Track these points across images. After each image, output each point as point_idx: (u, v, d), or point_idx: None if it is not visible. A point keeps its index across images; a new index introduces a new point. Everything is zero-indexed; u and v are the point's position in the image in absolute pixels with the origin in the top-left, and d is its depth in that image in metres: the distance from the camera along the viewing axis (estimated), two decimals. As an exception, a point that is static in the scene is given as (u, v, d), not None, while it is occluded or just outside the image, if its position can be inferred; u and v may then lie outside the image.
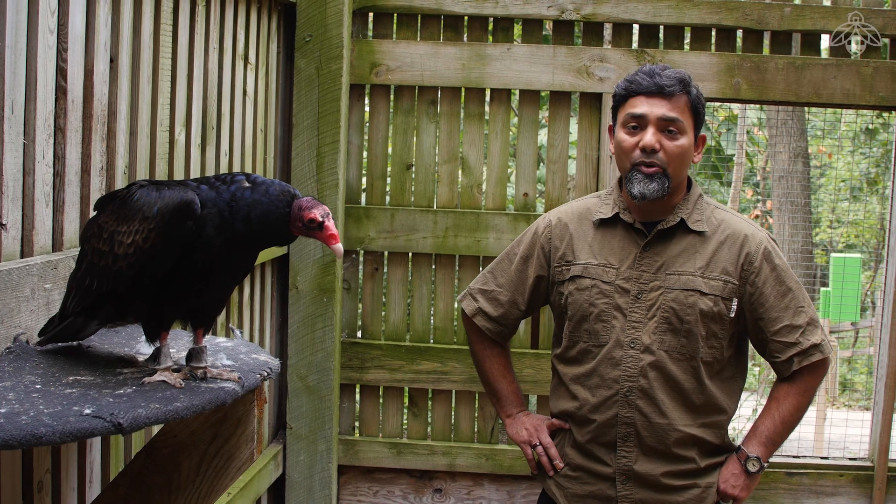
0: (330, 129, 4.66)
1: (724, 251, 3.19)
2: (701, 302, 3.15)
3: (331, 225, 2.24)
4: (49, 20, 2.63)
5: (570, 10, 4.78)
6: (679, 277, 3.16)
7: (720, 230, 3.22)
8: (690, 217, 3.21)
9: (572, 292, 3.26)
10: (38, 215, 2.61)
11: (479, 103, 4.94)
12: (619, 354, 3.18)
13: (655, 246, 3.20)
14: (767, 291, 3.18)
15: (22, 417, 1.90)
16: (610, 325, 3.20)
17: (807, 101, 4.79)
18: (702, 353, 3.17)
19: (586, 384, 3.26)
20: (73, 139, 2.78)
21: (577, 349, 3.28)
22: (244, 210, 2.22)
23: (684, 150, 3.13)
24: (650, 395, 3.17)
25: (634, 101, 3.17)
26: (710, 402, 3.22)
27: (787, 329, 3.19)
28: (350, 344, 4.91)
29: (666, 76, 3.15)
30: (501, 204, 4.91)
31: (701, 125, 3.23)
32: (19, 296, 2.43)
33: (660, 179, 3.10)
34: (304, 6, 4.63)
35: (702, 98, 3.22)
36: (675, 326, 3.15)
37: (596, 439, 3.26)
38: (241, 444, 2.57)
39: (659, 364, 3.16)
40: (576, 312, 3.26)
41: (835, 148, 16.43)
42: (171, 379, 2.23)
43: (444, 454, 4.94)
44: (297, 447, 4.81)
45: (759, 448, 3.25)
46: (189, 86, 3.57)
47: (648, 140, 3.10)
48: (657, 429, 3.18)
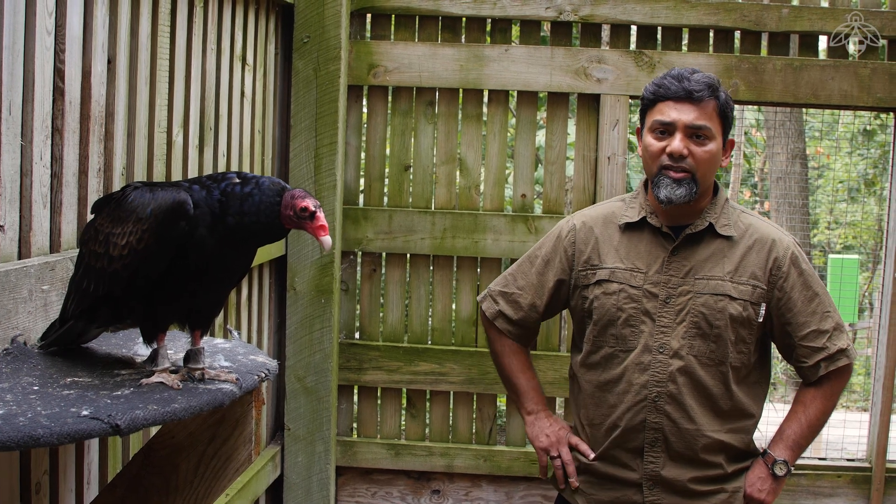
0: (328, 130, 4.66)
1: (753, 256, 3.18)
2: (730, 307, 3.13)
3: (321, 216, 2.24)
4: (46, 21, 2.63)
5: (568, 11, 4.78)
6: (708, 282, 3.15)
7: (747, 234, 3.21)
8: (718, 221, 3.19)
9: (598, 296, 3.23)
10: (35, 216, 2.61)
11: (477, 104, 4.94)
12: (648, 359, 3.15)
13: (683, 250, 3.18)
14: (795, 296, 3.17)
15: (19, 419, 1.90)
16: (638, 329, 3.17)
17: (804, 103, 4.80)
18: (730, 358, 3.15)
19: (612, 390, 3.22)
20: (70, 140, 2.78)
21: (602, 354, 3.24)
22: (235, 204, 2.22)
23: (712, 155, 3.11)
24: (679, 400, 3.15)
25: (662, 107, 3.14)
26: (738, 408, 3.20)
27: (814, 334, 3.19)
28: (348, 345, 4.91)
29: (695, 81, 3.11)
30: (499, 205, 4.91)
31: (729, 129, 3.20)
32: (17, 297, 2.43)
33: (688, 184, 3.09)
34: (301, 7, 4.63)
35: (730, 102, 3.19)
36: (705, 331, 3.14)
37: (622, 445, 3.22)
38: (238, 446, 2.56)
39: (688, 369, 3.14)
40: (602, 316, 3.22)
41: (833, 149, 16.42)
42: (168, 380, 2.23)
43: (442, 455, 4.94)
44: (295, 448, 4.81)
45: (785, 452, 3.25)
46: (187, 87, 3.57)
47: (676, 146, 3.08)
48: (685, 434, 3.16)
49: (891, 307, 4.87)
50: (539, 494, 4.96)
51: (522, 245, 4.77)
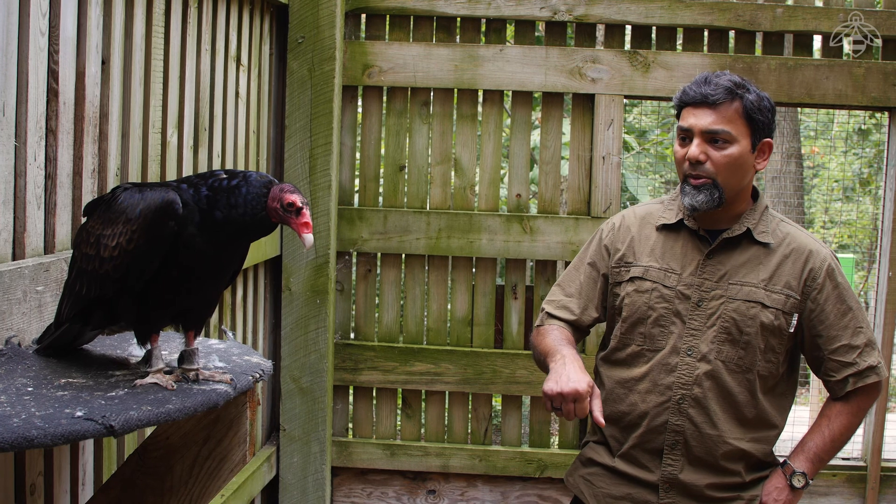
0: (323, 130, 4.66)
1: (788, 265, 3.15)
2: (762, 315, 3.10)
3: (307, 213, 2.23)
4: (40, 22, 2.62)
5: (563, 11, 4.78)
6: (741, 288, 3.12)
7: (785, 243, 3.18)
8: (756, 228, 3.17)
9: (630, 293, 3.22)
10: (29, 217, 2.61)
11: (471, 104, 4.94)
12: (675, 361, 3.13)
13: (719, 255, 3.16)
14: (828, 309, 3.14)
15: (14, 420, 1.90)
16: (668, 330, 3.16)
17: (799, 102, 4.80)
18: (758, 366, 3.12)
19: (636, 388, 3.20)
20: (64, 141, 2.78)
21: (629, 352, 3.23)
22: (223, 198, 2.21)
23: (733, 158, 3.05)
24: (703, 404, 3.12)
25: (684, 113, 3.13)
26: (762, 417, 3.17)
27: (844, 349, 3.15)
28: (343, 345, 4.91)
29: (713, 84, 3.08)
30: (494, 205, 4.91)
31: (762, 131, 3.12)
32: (11, 298, 2.43)
33: (708, 190, 3.06)
34: (296, 8, 4.63)
35: (763, 103, 3.11)
36: (735, 337, 3.11)
37: (641, 445, 3.20)
38: (233, 446, 2.56)
39: (715, 374, 3.11)
40: (632, 314, 3.21)
41: (828, 148, 16.43)
42: (162, 381, 2.23)
43: (437, 455, 4.94)
44: (290, 449, 4.81)
45: (805, 464, 3.22)
46: (181, 88, 3.57)
47: (692, 152, 3.06)
48: (707, 439, 3.13)
49: (885, 306, 4.89)
50: (535, 494, 4.96)
51: (518, 245, 4.78)
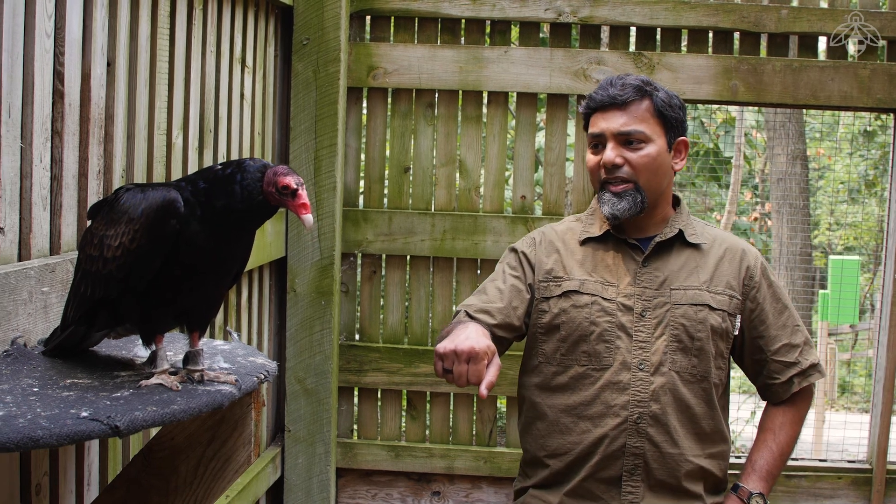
0: (327, 132, 4.66)
1: (726, 265, 3.04)
2: (711, 317, 2.97)
3: (304, 194, 2.22)
4: (46, 24, 2.63)
5: (567, 12, 4.78)
6: (685, 292, 2.98)
7: (716, 244, 3.08)
8: (686, 230, 3.05)
9: (567, 310, 3.00)
10: (35, 219, 2.62)
11: (476, 106, 4.94)
12: (627, 378, 2.93)
13: (654, 261, 3.02)
14: (767, 308, 3.05)
15: (19, 420, 1.91)
16: (614, 345, 2.95)
17: (804, 104, 4.80)
18: (712, 374, 2.98)
19: (585, 414, 2.97)
20: (70, 143, 2.79)
21: (571, 374, 3.00)
22: (220, 187, 2.21)
23: (651, 158, 2.95)
24: (662, 421, 2.93)
25: (594, 119, 3.02)
26: (718, 430, 3.02)
27: (786, 348, 3.05)
28: (348, 347, 4.92)
29: (620, 85, 2.99)
30: (499, 207, 4.91)
31: (676, 129, 3.03)
32: (17, 299, 2.43)
33: (630, 196, 2.94)
34: (301, 9, 4.64)
35: (673, 100, 3.04)
36: (686, 345, 2.95)
37: (596, 475, 2.97)
38: (238, 447, 2.57)
39: (671, 386, 2.93)
40: (572, 332, 2.99)
41: (833, 150, 16.44)
42: (167, 382, 2.23)
43: (442, 457, 4.94)
44: (295, 450, 4.81)
45: (760, 483, 3.07)
46: (186, 89, 3.58)
47: (607, 157, 2.95)
48: (668, 459, 2.94)
49: (891, 308, 4.88)
50: (539, 496, 4.96)
51: (522, 246, 4.78)
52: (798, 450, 7.05)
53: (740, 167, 12.83)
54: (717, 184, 14.82)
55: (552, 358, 3.04)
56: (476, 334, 2.62)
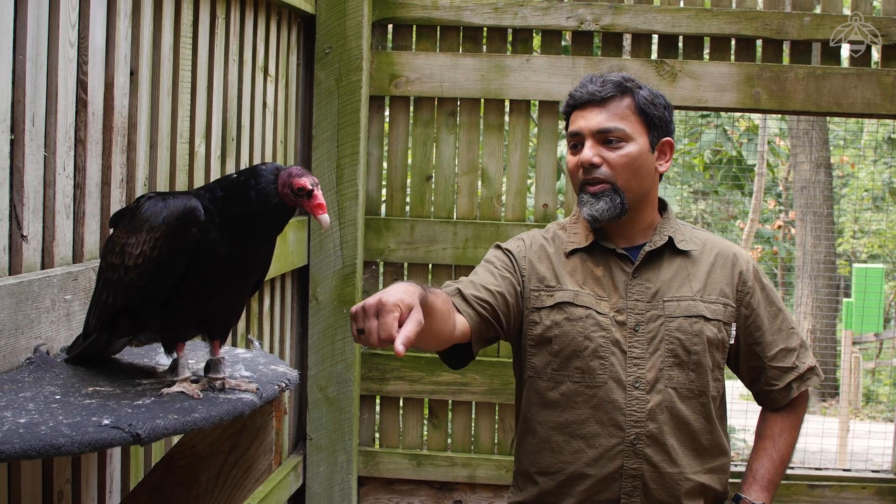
0: (349, 140, 4.67)
1: (718, 272, 2.89)
2: (706, 329, 2.81)
3: (319, 194, 2.21)
4: (69, 33, 2.65)
5: (589, 20, 4.78)
6: (679, 303, 2.82)
7: (707, 250, 2.92)
8: (676, 236, 2.89)
9: (560, 322, 2.82)
10: (58, 227, 2.63)
11: (498, 114, 4.94)
12: (622, 396, 2.77)
13: (645, 272, 2.85)
14: (762, 313, 2.91)
15: (41, 428, 1.91)
16: (608, 361, 2.79)
17: (827, 111, 4.77)
18: (710, 387, 2.83)
19: (579, 433, 2.81)
20: (93, 151, 2.80)
21: (563, 390, 2.83)
22: (236, 193, 2.22)
23: (632, 158, 2.78)
24: (660, 440, 2.77)
25: (573, 118, 2.86)
26: (717, 444, 2.88)
27: (783, 353, 2.93)
28: (370, 355, 4.92)
29: (600, 81, 2.83)
30: (521, 215, 4.91)
31: (660, 129, 2.86)
32: (40, 307, 2.45)
33: (608, 196, 2.77)
34: (323, 18, 4.65)
35: (657, 99, 2.86)
36: (682, 359, 2.80)
37: (592, 498, 2.81)
38: (259, 455, 2.57)
39: (668, 404, 2.78)
40: (565, 346, 2.82)
41: (857, 158, 16.37)
42: (189, 390, 2.24)
43: (464, 466, 4.93)
44: (317, 458, 4.81)
45: (761, 494, 2.93)
46: (209, 98, 3.59)
47: (584, 156, 2.78)
48: (667, 479, 2.79)
49: (915, 316, 4.85)
50: (561, 504, 4.95)
51: (544, 255, 4.78)
52: (822, 459, 7.03)
53: (763, 175, 12.79)
54: (740, 192, 14.78)
55: (542, 372, 2.87)
56: (394, 288, 2.31)
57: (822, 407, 13.50)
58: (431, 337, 2.55)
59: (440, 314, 2.52)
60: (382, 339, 2.18)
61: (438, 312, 2.50)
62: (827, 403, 13.71)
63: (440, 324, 2.54)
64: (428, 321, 2.38)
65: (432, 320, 2.46)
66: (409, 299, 2.24)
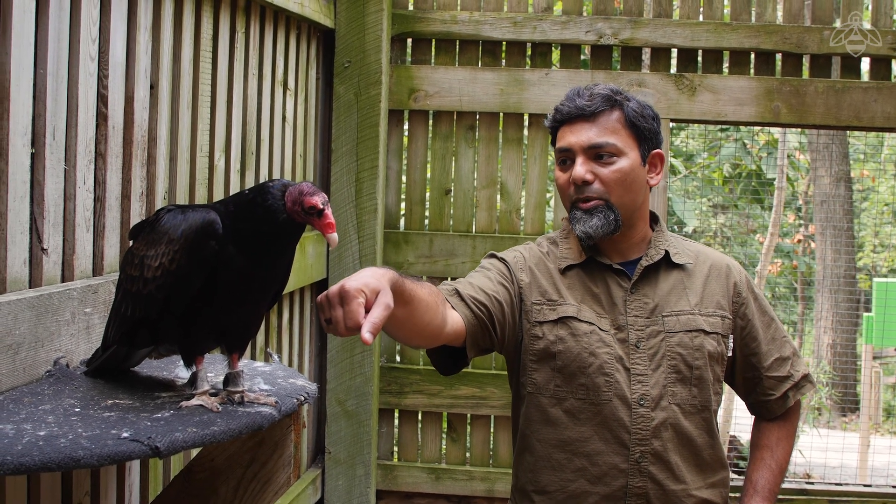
0: (369, 154, 4.68)
1: (713, 284, 2.84)
2: (706, 343, 2.76)
3: (329, 213, 2.22)
4: (90, 48, 2.66)
5: (608, 34, 4.78)
6: (678, 318, 2.76)
7: (700, 262, 2.86)
8: (670, 250, 2.83)
9: (564, 338, 2.74)
10: (78, 240, 2.64)
11: (517, 128, 4.95)
12: (627, 414, 2.70)
13: (642, 287, 2.79)
14: (756, 324, 2.86)
15: (61, 440, 1.92)
16: (612, 378, 2.71)
17: (847, 125, 4.76)
18: (712, 401, 2.78)
19: (581, 450, 2.74)
20: (113, 165, 2.81)
21: (565, 407, 2.75)
22: (246, 211, 2.23)
23: (624, 173, 2.71)
24: (664, 458, 2.71)
25: (560, 133, 2.79)
26: (717, 457, 2.82)
27: (778, 363, 2.88)
28: (389, 369, 4.92)
29: (588, 95, 2.77)
30: (540, 229, 4.91)
31: (650, 141, 2.80)
32: (59, 320, 2.45)
33: (601, 213, 2.70)
34: (342, 32, 4.67)
35: (646, 110, 2.80)
36: (685, 375, 2.74)
37: None
38: (277, 469, 2.57)
39: (672, 421, 2.72)
40: (569, 362, 2.73)
41: (878, 171, 16.30)
42: (208, 403, 2.24)
43: (482, 480, 4.92)
44: (335, 472, 4.81)
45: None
46: (228, 112, 3.60)
47: (577, 173, 2.70)
48: (672, 497, 2.73)
49: (936, 331, 4.83)
50: (580, 519, 4.93)
51: (563, 268, 4.77)
52: (842, 474, 6.99)
53: (783, 189, 12.73)
54: (759, 206, 14.73)
55: (544, 389, 2.78)
56: (360, 273, 2.17)
57: (842, 422, 13.43)
58: (414, 328, 2.45)
59: (423, 304, 2.42)
60: (349, 327, 2.06)
61: (421, 302, 2.40)
62: (847, 418, 13.64)
63: (424, 315, 2.44)
64: (408, 309, 2.33)
65: (413, 309, 2.37)
66: (374, 283, 2.11)
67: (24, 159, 2.42)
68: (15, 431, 1.97)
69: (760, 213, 15.43)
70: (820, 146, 14.25)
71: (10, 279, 2.37)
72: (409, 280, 2.36)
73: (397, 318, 2.31)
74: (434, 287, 2.57)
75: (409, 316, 2.37)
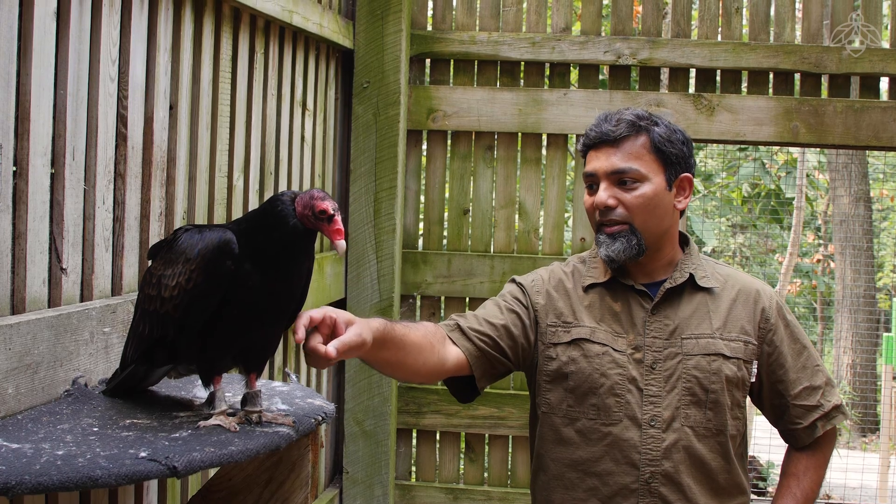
0: (387, 174, 4.69)
1: (739, 308, 2.82)
2: (725, 367, 2.74)
3: (339, 219, 2.23)
4: (110, 69, 2.68)
5: (627, 55, 4.78)
6: (697, 341, 2.75)
7: (728, 286, 2.85)
8: (697, 273, 2.82)
9: (576, 359, 2.77)
10: (97, 260, 2.65)
11: (535, 148, 4.95)
12: (637, 435, 2.71)
13: (664, 308, 2.79)
14: (785, 351, 2.82)
15: (79, 459, 1.92)
16: (624, 399, 2.73)
17: (866, 145, 4.75)
18: (729, 426, 2.76)
19: (593, 470, 2.75)
20: (132, 185, 2.82)
21: (577, 427, 2.77)
22: (258, 222, 2.27)
23: (647, 198, 2.72)
24: (675, 480, 2.71)
25: (589, 158, 2.81)
26: (735, 482, 2.79)
27: (807, 391, 2.84)
28: (407, 389, 4.91)
29: (614, 120, 2.78)
30: (558, 249, 4.90)
31: (677, 166, 2.80)
32: (78, 339, 2.46)
33: (625, 237, 2.72)
34: (361, 53, 4.68)
35: (674, 135, 2.81)
36: (700, 398, 2.73)
37: None
38: (295, 489, 2.57)
39: (684, 443, 2.71)
40: (581, 383, 2.76)
41: (898, 191, 16.26)
42: (225, 423, 2.24)
43: (500, 500, 4.91)
44: (353, 492, 4.80)
45: None
46: (247, 132, 3.62)
47: (599, 198, 2.73)
48: None
49: (957, 352, 4.80)
50: (599, 540, 4.91)
51: (581, 288, 4.77)
52: (862, 495, 6.94)
53: (802, 209, 12.71)
54: (779, 225, 14.70)
55: (557, 409, 2.82)
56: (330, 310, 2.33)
57: (862, 442, 13.35)
58: (410, 369, 2.65)
59: (416, 347, 2.61)
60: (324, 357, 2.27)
61: (413, 345, 2.60)
62: (867, 439, 13.56)
63: (418, 356, 2.63)
64: (399, 354, 2.57)
65: (405, 354, 2.59)
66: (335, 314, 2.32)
67: (44, 179, 2.43)
68: (33, 451, 1.98)
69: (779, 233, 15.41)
70: (839, 166, 14.22)
71: (30, 299, 2.38)
72: (400, 324, 2.59)
73: (389, 361, 2.59)
74: (433, 326, 2.75)
75: (402, 358, 2.59)
